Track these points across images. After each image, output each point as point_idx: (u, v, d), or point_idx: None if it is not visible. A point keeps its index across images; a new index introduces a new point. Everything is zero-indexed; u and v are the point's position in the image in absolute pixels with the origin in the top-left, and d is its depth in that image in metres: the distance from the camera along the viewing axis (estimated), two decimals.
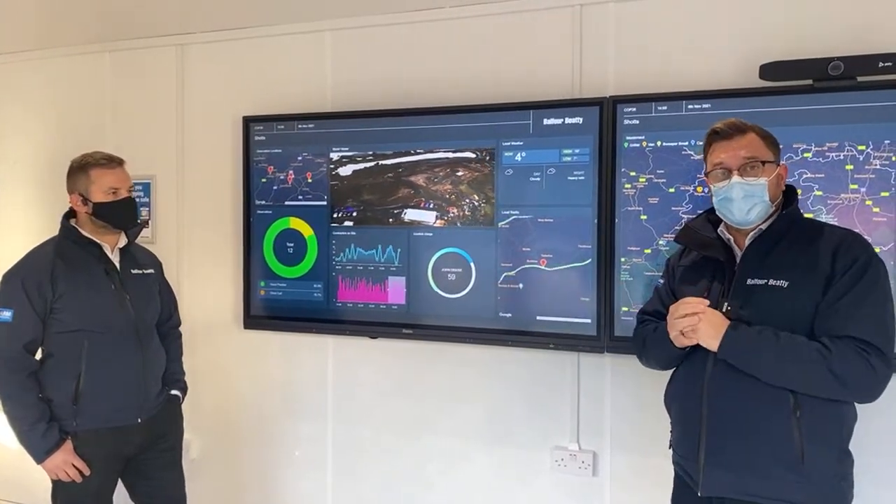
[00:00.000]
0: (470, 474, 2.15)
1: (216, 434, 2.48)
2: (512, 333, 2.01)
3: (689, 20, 1.89)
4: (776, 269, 1.34)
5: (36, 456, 1.72)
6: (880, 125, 1.66)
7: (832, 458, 1.30)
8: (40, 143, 2.70)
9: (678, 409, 1.47)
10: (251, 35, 2.38)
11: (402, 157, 2.12)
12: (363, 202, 2.17)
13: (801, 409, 1.28)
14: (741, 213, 1.36)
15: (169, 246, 2.50)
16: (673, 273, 1.56)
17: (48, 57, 2.67)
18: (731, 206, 1.36)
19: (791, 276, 1.32)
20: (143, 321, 1.85)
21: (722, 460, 1.34)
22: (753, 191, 1.35)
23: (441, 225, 2.08)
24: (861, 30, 1.72)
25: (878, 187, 1.66)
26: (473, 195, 2.05)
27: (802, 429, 1.27)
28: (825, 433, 1.29)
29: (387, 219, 2.14)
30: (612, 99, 1.90)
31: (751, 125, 1.40)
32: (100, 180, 1.77)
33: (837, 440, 1.32)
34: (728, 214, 1.39)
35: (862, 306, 1.26)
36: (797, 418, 1.28)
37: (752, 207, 1.35)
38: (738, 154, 1.37)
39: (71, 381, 1.73)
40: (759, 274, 1.35)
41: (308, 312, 2.25)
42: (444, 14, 2.13)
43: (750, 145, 1.37)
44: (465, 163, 2.06)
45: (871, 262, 1.30)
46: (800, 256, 1.33)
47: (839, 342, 1.25)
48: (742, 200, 1.35)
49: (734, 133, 1.38)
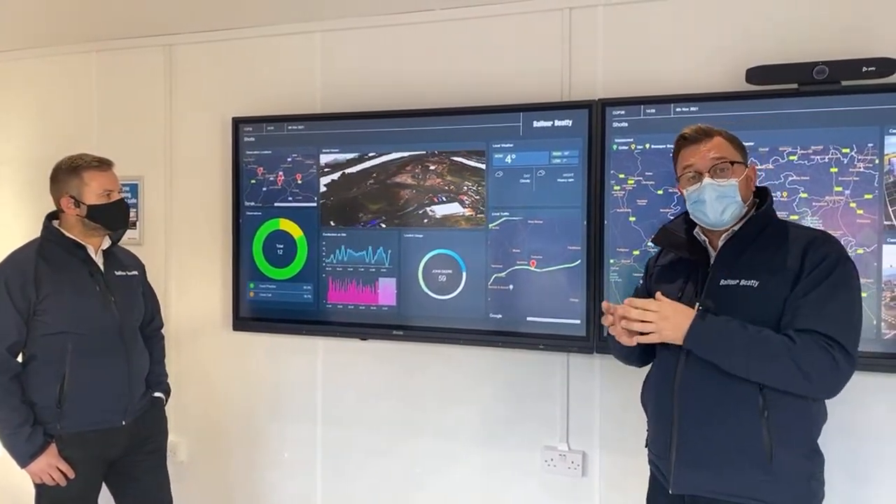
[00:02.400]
0: (460, 475, 2.15)
1: (204, 436, 2.46)
2: (502, 334, 2.01)
3: (677, 24, 1.91)
4: (747, 269, 1.35)
5: (20, 460, 1.69)
6: (864, 129, 1.69)
7: (801, 456, 1.31)
8: (25, 144, 2.67)
9: (652, 406, 1.49)
10: (240, 36, 2.37)
11: (391, 157, 2.12)
12: (355, 204, 2.17)
13: (769, 408, 1.29)
14: (715, 214, 1.37)
15: (157, 247, 2.48)
16: (649, 274, 1.59)
17: (34, 57, 2.64)
18: (705, 207, 1.37)
19: (761, 277, 1.33)
20: (128, 323, 1.84)
21: (692, 458, 1.35)
22: (725, 191, 1.36)
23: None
24: (846, 35, 1.75)
25: (862, 190, 1.69)
26: (463, 197, 2.06)
27: (770, 428, 1.28)
28: (793, 432, 1.30)
29: (388, 220, 2.14)
30: (601, 102, 1.92)
31: (717, 129, 1.42)
32: (93, 182, 1.76)
33: (806, 439, 1.33)
34: (702, 217, 1.40)
35: (829, 302, 1.27)
36: (765, 418, 1.29)
37: (726, 208, 1.36)
38: (707, 156, 1.38)
39: (55, 383, 1.71)
40: (732, 274, 1.36)
41: (297, 314, 2.24)
42: (435, 16, 2.14)
43: (718, 147, 1.39)
44: (455, 164, 2.06)
45: (840, 260, 1.31)
46: (771, 257, 1.34)
47: (805, 336, 1.26)
48: (715, 201, 1.36)
49: (702, 137, 1.40)
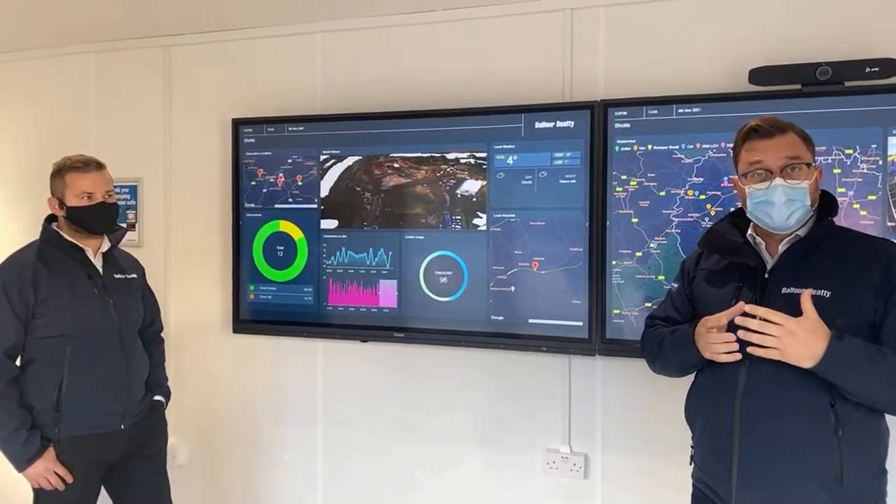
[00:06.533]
0: (461, 477, 2.14)
1: (204, 439, 2.44)
2: (504, 336, 2.00)
3: (680, 24, 1.90)
4: (815, 277, 1.25)
5: (17, 464, 1.68)
6: (867, 129, 1.68)
7: (870, 477, 1.24)
8: (24, 146, 2.65)
9: (704, 424, 1.37)
10: (240, 37, 2.36)
11: (392, 158, 2.11)
12: (356, 205, 2.16)
13: (842, 427, 1.20)
14: (781, 217, 1.27)
15: (156, 249, 2.46)
16: (690, 278, 1.46)
17: (32, 58, 2.62)
18: (771, 210, 1.27)
19: (834, 286, 1.23)
20: (127, 326, 1.82)
21: (756, 482, 1.26)
22: (796, 194, 1.26)
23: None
24: (849, 35, 1.75)
25: (866, 191, 1.68)
26: (465, 198, 2.05)
27: (843, 448, 1.20)
28: (864, 452, 1.24)
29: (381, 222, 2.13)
30: (603, 102, 1.91)
31: (791, 124, 1.31)
32: (74, 184, 1.73)
33: (876, 458, 1.26)
34: (766, 219, 1.29)
35: None
36: (838, 437, 1.20)
37: (794, 212, 1.27)
38: (781, 154, 1.27)
39: (53, 387, 1.70)
40: (796, 283, 1.26)
41: (298, 316, 2.22)
42: (436, 17, 2.13)
43: (792, 145, 1.28)
44: (457, 166, 2.05)
45: None
46: (841, 266, 1.25)
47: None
48: (784, 205, 1.26)
49: (775, 132, 1.29)
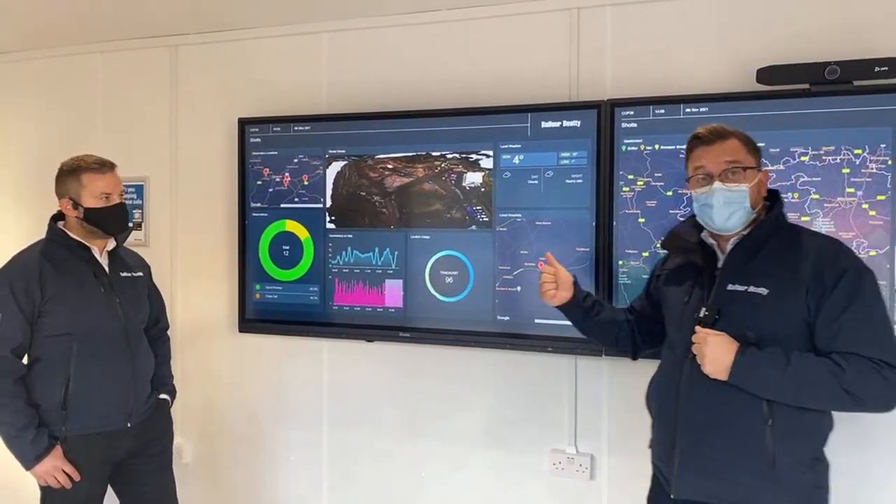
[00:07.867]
0: (467, 478, 2.14)
1: (209, 438, 2.44)
2: (510, 336, 2.00)
3: (687, 24, 1.90)
4: (756, 275, 1.32)
5: (25, 462, 1.68)
6: (876, 129, 1.67)
7: (804, 465, 1.29)
8: (31, 145, 2.66)
9: (656, 409, 1.48)
10: (246, 36, 2.36)
11: (399, 159, 2.11)
12: (362, 205, 2.16)
13: (773, 417, 1.27)
14: (721, 219, 1.35)
15: (162, 248, 2.47)
16: (656, 276, 1.58)
17: (38, 58, 2.63)
18: (712, 212, 1.35)
19: (770, 285, 1.30)
20: (133, 325, 1.82)
21: (695, 464, 1.34)
22: (734, 197, 1.34)
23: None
24: (857, 34, 1.74)
25: (875, 191, 1.68)
26: (471, 198, 2.04)
27: (774, 436, 1.27)
28: (798, 440, 1.29)
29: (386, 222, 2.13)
30: (610, 102, 1.90)
31: (732, 130, 1.38)
32: (91, 185, 1.74)
33: (810, 448, 1.31)
34: (708, 221, 1.38)
35: (866, 322, 1.25)
36: (769, 425, 1.27)
37: (733, 214, 1.34)
38: (720, 159, 1.35)
39: (59, 385, 1.70)
40: (740, 280, 1.33)
41: (304, 316, 2.23)
42: (442, 16, 2.13)
43: (732, 150, 1.36)
44: (463, 165, 2.05)
45: (862, 273, 1.28)
46: (780, 264, 1.32)
47: (851, 359, 1.23)
48: (723, 207, 1.34)
49: (716, 138, 1.37)
